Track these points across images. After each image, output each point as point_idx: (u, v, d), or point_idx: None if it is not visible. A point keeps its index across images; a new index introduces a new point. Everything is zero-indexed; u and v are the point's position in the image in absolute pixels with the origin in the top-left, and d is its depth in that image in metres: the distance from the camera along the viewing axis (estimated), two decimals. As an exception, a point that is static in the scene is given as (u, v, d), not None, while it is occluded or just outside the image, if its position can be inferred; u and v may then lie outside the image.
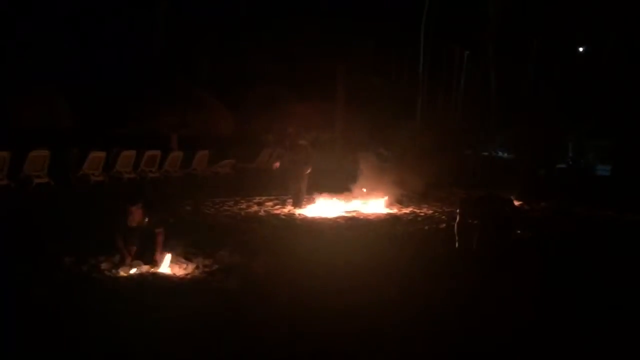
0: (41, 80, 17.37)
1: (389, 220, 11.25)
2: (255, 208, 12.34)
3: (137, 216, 6.77)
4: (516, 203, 12.96)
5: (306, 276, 6.77)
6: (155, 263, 6.90)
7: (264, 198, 13.59)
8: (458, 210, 8.55)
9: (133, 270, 6.73)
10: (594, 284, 6.96)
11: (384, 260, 7.69)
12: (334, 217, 11.40)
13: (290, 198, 12.78)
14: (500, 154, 30.46)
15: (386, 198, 12.88)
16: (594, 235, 10.32)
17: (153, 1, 22.55)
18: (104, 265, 6.86)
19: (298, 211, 12.00)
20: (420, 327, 5.29)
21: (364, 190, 12.90)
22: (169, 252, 7.01)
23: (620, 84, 21.59)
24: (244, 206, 12.56)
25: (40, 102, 16.57)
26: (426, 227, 10.57)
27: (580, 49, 27.13)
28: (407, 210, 12.47)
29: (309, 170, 12.53)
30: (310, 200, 12.65)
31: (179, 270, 6.93)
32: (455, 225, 8.47)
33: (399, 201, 13.16)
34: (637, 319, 5.78)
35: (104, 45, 21.16)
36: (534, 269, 7.61)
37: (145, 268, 6.83)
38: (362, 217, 11.61)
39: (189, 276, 6.78)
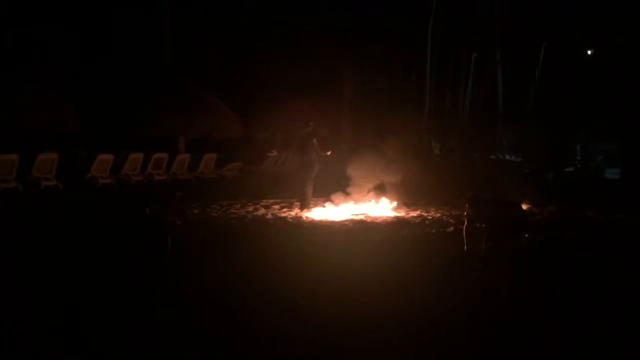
0: (49, 84, 17.45)
1: (397, 224, 11.19)
2: (262, 211, 12.33)
3: None
4: (524, 207, 12.93)
5: (313, 282, 6.73)
6: None
7: (270, 201, 13.58)
8: (465, 213, 8.51)
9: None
10: (603, 288, 6.90)
11: (391, 265, 7.64)
12: (341, 221, 11.38)
13: (297, 201, 12.76)
14: (507, 157, 30.35)
15: (395, 202, 12.82)
16: (604, 239, 10.23)
17: (160, 3, 22.61)
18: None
19: (305, 214, 11.98)
20: (429, 335, 5.23)
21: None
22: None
23: (628, 86, 21.47)
24: (251, 209, 12.55)
25: (49, 105, 16.64)
26: (433, 231, 10.52)
27: (589, 52, 27.01)
28: (414, 214, 12.41)
29: (315, 172, 12.50)
30: (319, 203, 12.61)
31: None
32: (464, 228, 8.44)
33: (406, 204, 13.11)
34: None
35: (111, 48, 21.23)
36: (543, 273, 7.56)
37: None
38: (369, 220, 11.57)
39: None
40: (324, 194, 12.77)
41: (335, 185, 12.89)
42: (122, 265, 7.13)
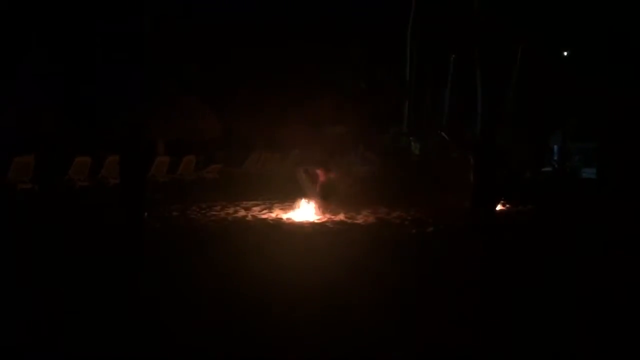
0: (25, 85, 17.18)
1: (377, 225, 11.25)
2: (242, 213, 12.31)
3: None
4: (501, 207, 13.09)
5: (298, 285, 6.68)
6: None
7: (251, 203, 13.56)
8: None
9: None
10: (582, 284, 6.98)
11: (371, 268, 7.65)
12: (322, 222, 11.40)
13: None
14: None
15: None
16: (580, 237, 10.36)
17: (138, 5, 22.42)
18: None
19: (285, 215, 12.01)
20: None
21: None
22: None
23: (605, 87, 21.80)
24: (231, 211, 12.52)
25: (25, 107, 16.38)
26: (414, 231, 10.60)
27: (565, 53, 27.35)
28: (394, 214, 12.47)
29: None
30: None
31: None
32: None
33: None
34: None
35: (88, 49, 20.97)
36: (521, 272, 7.63)
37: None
38: (349, 221, 11.61)
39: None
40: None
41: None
42: (97, 268, 7.07)
